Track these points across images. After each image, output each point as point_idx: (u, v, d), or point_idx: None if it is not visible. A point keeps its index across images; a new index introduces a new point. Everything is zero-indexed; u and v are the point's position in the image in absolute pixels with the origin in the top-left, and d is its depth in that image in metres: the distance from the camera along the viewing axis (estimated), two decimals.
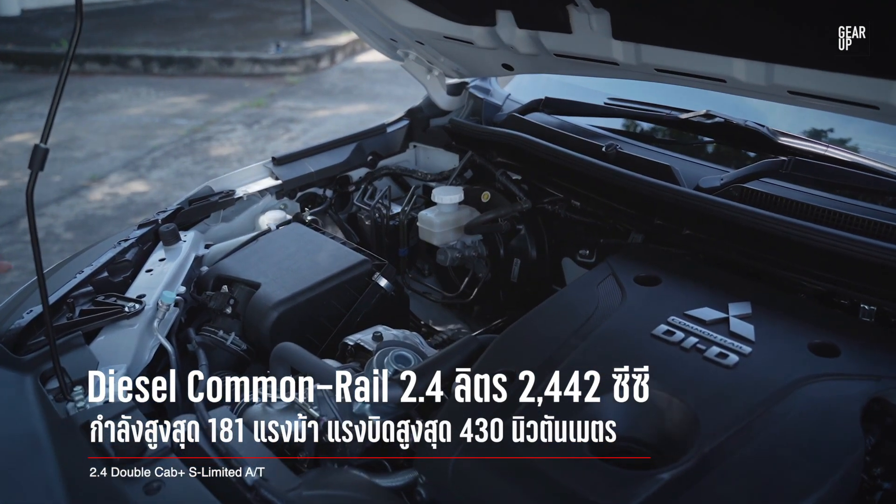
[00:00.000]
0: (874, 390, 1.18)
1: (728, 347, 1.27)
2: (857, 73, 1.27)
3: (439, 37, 1.91)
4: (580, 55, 1.68)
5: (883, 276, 1.36)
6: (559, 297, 1.48)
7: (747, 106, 1.84)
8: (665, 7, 1.41)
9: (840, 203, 1.50)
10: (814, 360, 1.25)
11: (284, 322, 1.58)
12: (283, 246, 1.80)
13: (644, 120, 1.92)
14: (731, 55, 1.41)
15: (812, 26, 1.26)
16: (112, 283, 1.65)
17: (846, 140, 1.77)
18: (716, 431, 1.09)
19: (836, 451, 1.07)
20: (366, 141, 2.24)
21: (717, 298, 1.40)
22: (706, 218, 1.58)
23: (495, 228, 2.00)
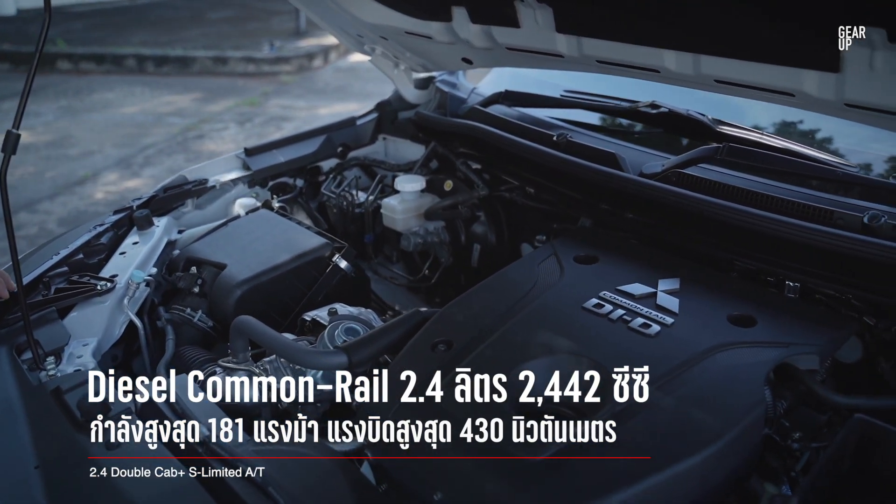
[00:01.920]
0: (782, 356, 1.28)
1: (652, 319, 1.36)
2: (773, 62, 1.36)
3: (401, 32, 2.01)
4: (529, 48, 1.77)
5: (805, 254, 1.46)
6: (501, 274, 1.57)
7: (718, 99, 1.90)
8: (601, 2, 1.51)
9: (770, 187, 1.59)
10: (731, 330, 1.34)
11: (248, 300, 1.68)
12: (250, 231, 1.90)
13: (596, 111, 2.01)
14: (662, 47, 1.51)
15: (733, 19, 1.36)
16: (87, 264, 1.75)
17: (817, 131, 1.84)
18: (629, 392, 1.19)
19: (738, 410, 1.16)
20: (335, 133, 2.34)
21: (649, 275, 1.50)
22: (647, 202, 1.68)
23: (456, 215, 2.10)
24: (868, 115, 1.34)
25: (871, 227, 1.41)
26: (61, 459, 1.24)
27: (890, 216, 1.41)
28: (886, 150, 1.68)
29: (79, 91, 8.05)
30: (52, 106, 7.55)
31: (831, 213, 1.46)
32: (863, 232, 1.41)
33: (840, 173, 1.55)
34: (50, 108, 7.50)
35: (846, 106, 1.34)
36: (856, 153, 1.69)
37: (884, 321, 1.42)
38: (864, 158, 1.67)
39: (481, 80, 2.47)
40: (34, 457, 1.25)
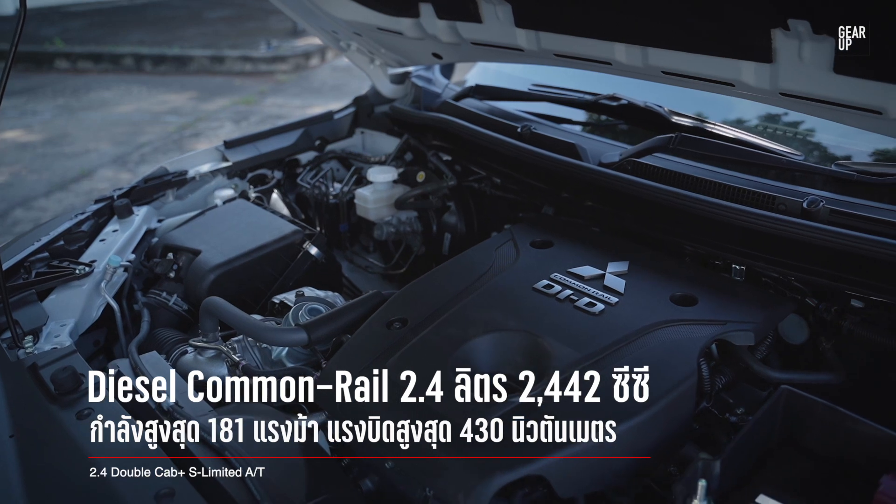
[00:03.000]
0: (718, 333, 1.35)
1: (597, 298, 1.43)
2: (713, 54, 1.44)
3: (373, 28, 2.08)
4: (492, 43, 1.85)
5: (749, 238, 1.52)
6: (460, 258, 1.64)
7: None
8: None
9: (719, 174, 1.66)
10: (672, 309, 1.41)
11: (220, 284, 1.75)
12: (225, 219, 1.97)
13: (561, 103, 2.08)
14: (612, 40, 1.58)
15: (677, 13, 1.43)
16: (67, 250, 1.82)
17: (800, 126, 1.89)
18: (567, 364, 1.26)
19: (670, 381, 1.23)
20: (313, 126, 2.41)
21: (600, 259, 1.57)
22: (604, 190, 1.75)
23: (427, 205, 2.17)
24: (802, 104, 1.41)
25: (810, 211, 1.48)
26: (35, 428, 1.31)
27: (828, 201, 1.48)
28: (857, 145, 1.74)
29: (76, 90, 8.14)
30: (49, 104, 7.65)
31: (773, 199, 1.53)
32: (802, 216, 1.48)
33: (784, 161, 1.62)
34: (47, 106, 7.59)
35: (781, 95, 1.42)
36: (809, 144, 1.76)
37: (824, 302, 1.48)
38: (813, 148, 1.74)
39: (467, 74, 2.55)
40: (9, 427, 1.32)
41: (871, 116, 1.31)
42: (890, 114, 1.28)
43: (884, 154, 1.68)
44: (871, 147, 1.69)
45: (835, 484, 1.15)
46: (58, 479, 1.21)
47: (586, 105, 2.02)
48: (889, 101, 1.26)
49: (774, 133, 1.83)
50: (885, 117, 1.30)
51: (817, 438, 1.20)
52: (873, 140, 1.64)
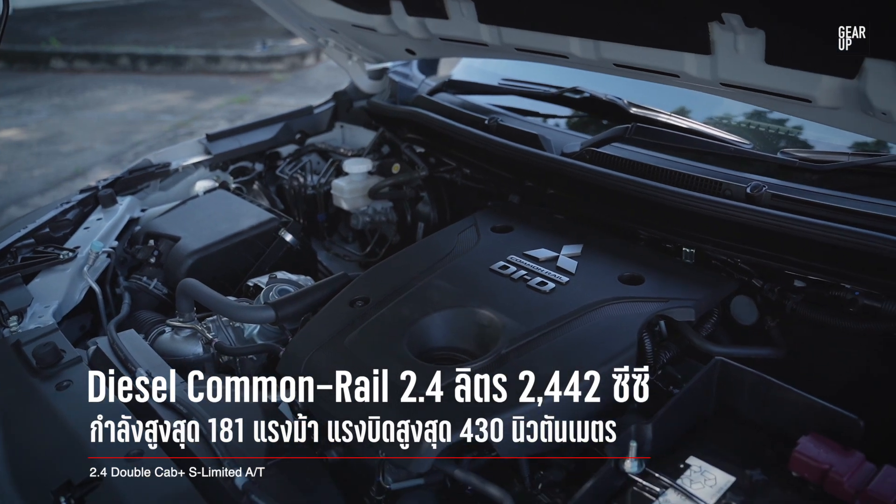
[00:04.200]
0: (660, 309, 1.43)
1: (549, 278, 1.52)
2: (658, 46, 1.52)
3: (348, 25, 2.17)
4: (459, 38, 1.93)
5: (698, 222, 1.61)
6: (423, 242, 1.74)
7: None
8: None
9: (672, 162, 1.74)
10: (619, 287, 1.50)
11: (198, 269, 1.84)
12: (205, 208, 2.06)
13: (528, 96, 2.17)
14: (568, 34, 1.67)
15: (625, 7, 1.51)
16: (53, 237, 1.91)
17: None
18: (517, 338, 1.34)
19: (610, 351, 1.32)
20: (293, 121, 2.50)
21: (556, 242, 1.66)
22: (564, 178, 1.83)
23: (401, 195, 2.25)
24: (742, 94, 1.49)
25: (753, 196, 1.56)
26: (16, 398, 1.40)
27: (771, 187, 1.56)
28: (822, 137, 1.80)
29: (72, 89, 8.22)
30: (45, 104, 7.73)
31: (720, 185, 1.61)
32: (746, 201, 1.56)
33: (732, 149, 1.70)
34: (43, 105, 7.67)
35: (722, 85, 1.50)
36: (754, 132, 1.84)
37: (769, 283, 1.57)
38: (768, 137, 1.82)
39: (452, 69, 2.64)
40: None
41: (802, 104, 1.40)
42: (818, 102, 1.37)
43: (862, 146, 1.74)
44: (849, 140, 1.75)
45: (761, 446, 1.23)
46: (37, 446, 1.30)
47: (551, 98, 2.11)
48: (816, 90, 1.35)
49: (749, 127, 1.91)
50: (814, 105, 1.38)
51: (748, 406, 1.28)
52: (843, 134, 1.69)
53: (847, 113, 1.37)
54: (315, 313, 1.55)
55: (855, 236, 1.39)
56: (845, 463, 1.10)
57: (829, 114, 1.40)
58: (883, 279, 1.40)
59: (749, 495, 1.11)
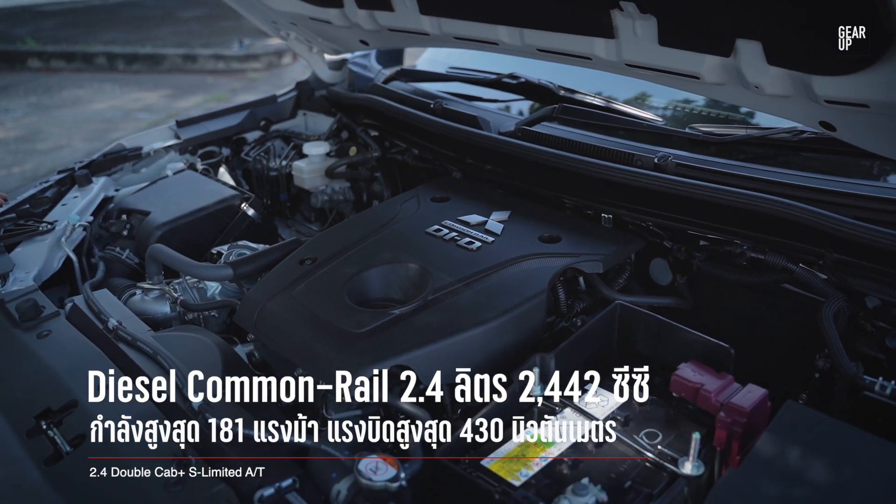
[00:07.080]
0: (571, 262, 1.63)
1: (477, 238, 1.72)
2: (571, 32, 1.71)
3: (306, 18, 2.35)
4: (404, 29, 2.12)
5: (613, 190, 1.81)
6: (368, 210, 1.93)
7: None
8: None
9: (594, 138, 1.94)
10: (538, 245, 1.70)
11: (166, 240, 2.01)
12: (174, 186, 2.24)
13: (471, 83, 2.37)
14: (496, 23, 1.86)
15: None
16: (32, 213, 2.08)
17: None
18: (441, 287, 1.53)
19: (522, 296, 1.51)
20: (258, 108, 2.69)
21: (487, 209, 1.85)
22: (500, 155, 2.03)
23: (357, 176, 2.44)
24: (643, 73, 1.69)
25: (660, 165, 1.76)
26: (2, 347, 1.57)
27: (677, 157, 1.77)
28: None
29: (49, 88, 8.31)
30: (21, 102, 7.82)
31: (632, 157, 1.81)
32: (654, 170, 1.76)
33: (645, 125, 1.91)
34: (20, 104, 7.76)
35: (627, 66, 1.70)
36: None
37: (677, 244, 1.77)
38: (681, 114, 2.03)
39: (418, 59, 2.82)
40: None
41: (693, 81, 1.60)
42: (705, 78, 1.57)
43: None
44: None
45: (651, 375, 1.43)
46: (20, 383, 1.47)
47: (492, 83, 2.31)
48: (702, 68, 1.55)
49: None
50: (702, 82, 1.58)
51: (643, 342, 1.47)
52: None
53: (730, 88, 1.57)
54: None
55: (745, 198, 1.59)
56: (715, 382, 1.29)
57: (716, 89, 1.60)
58: (767, 235, 1.60)
59: (633, 411, 1.31)
